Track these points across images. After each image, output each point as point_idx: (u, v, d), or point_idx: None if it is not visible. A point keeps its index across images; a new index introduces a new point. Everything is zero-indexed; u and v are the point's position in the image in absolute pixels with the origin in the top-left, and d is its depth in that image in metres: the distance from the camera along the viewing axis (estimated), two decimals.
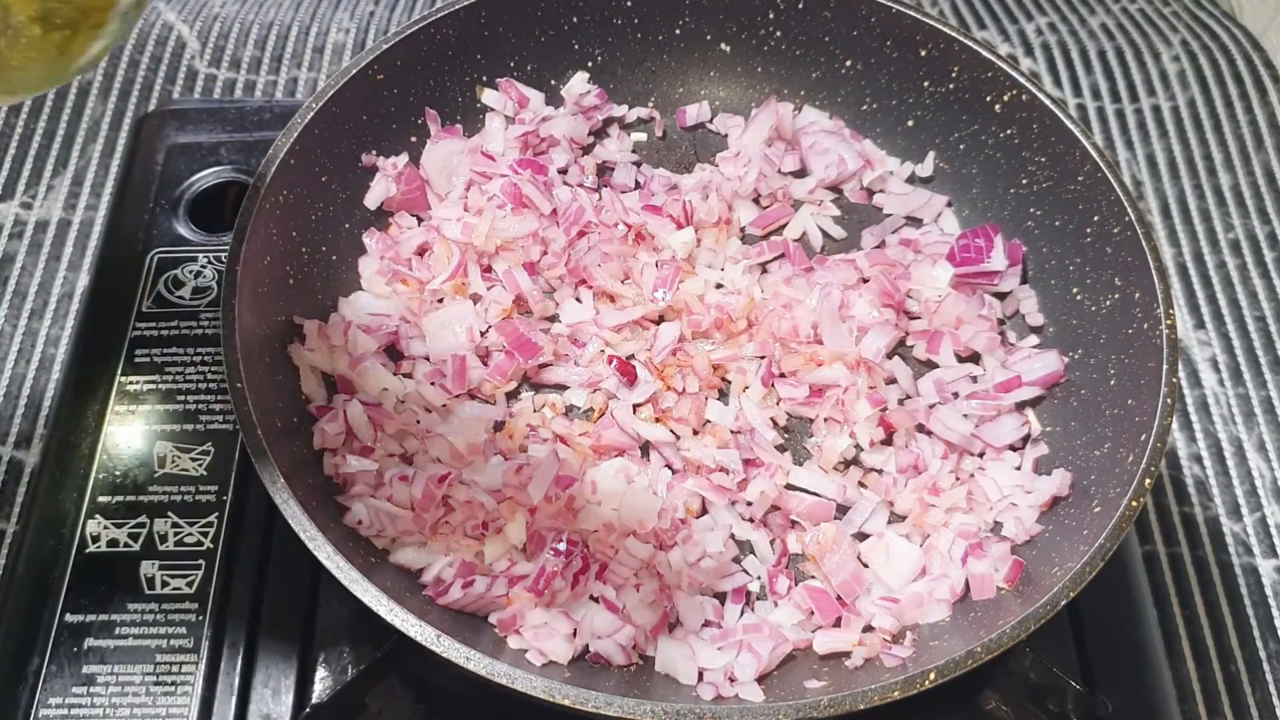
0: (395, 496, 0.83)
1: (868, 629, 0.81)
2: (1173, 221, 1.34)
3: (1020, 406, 0.92)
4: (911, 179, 1.07)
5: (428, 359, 0.92)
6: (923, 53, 1.03)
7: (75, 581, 0.87)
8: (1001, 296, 0.99)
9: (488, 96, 1.06)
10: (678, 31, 1.09)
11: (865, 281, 0.98)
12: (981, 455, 0.91)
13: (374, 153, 1.00)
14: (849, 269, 0.99)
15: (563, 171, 1.04)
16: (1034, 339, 0.97)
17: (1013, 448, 0.91)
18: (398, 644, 0.73)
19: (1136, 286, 0.87)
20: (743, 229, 1.04)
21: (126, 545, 0.88)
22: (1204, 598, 1.08)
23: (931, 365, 0.96)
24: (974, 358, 0.96)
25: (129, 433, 0.94)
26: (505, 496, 0.83)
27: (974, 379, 0.94)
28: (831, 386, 0.92)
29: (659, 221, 0.99)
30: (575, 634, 0.78)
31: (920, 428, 0.91)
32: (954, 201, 1.05)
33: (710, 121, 1.11)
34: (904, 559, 0.84)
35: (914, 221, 1.05)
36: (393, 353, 0.94)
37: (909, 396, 0.94)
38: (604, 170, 1.07)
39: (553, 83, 1.09)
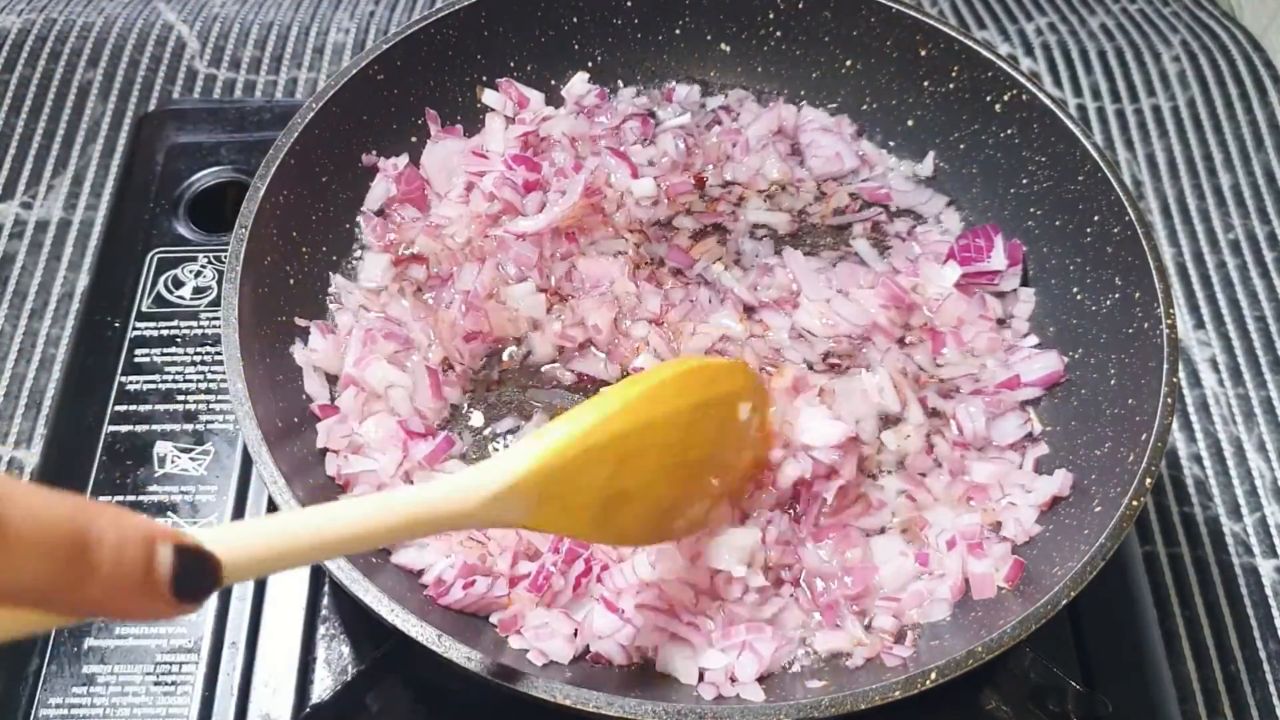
0: None
1: (868, 629, 0.81)
2: (1173, 221, 1.34)
3: (1021, 406, 0.92)
4: (911, 179, 1.07)
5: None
6: (923, 53, 1.03)
7: None
8: (1001, 296, 0.99)
9: (488, 96, 1.06)
10: (678, 31, 1.10)
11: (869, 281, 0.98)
12: (981, 451, 0.91)
13: (374, 153, 1.00)
14: (856, 265, 0.99)
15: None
16: (1034, 339, 0.97)
17: (1013, 447, 0.91)
18: (398, 644, 0.73)
19: (1136, 286, 0.87)
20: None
21: None
22: (1204, 598, 1.08)
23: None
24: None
25: (129, 433, 0.94)
26: None
27: (975, 379, 0.94)
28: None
29: (620, 168, 1.00)
30: (576, 634, 0.78)
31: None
32: (954, 201, 1.05)
33: None
34: (904, 559, 0.84)
35: (916, 220, 1.05)
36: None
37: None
38: None
39: (553, 83, 1.09)
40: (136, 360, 0.98)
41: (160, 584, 0.45)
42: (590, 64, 1.09)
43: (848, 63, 1.07)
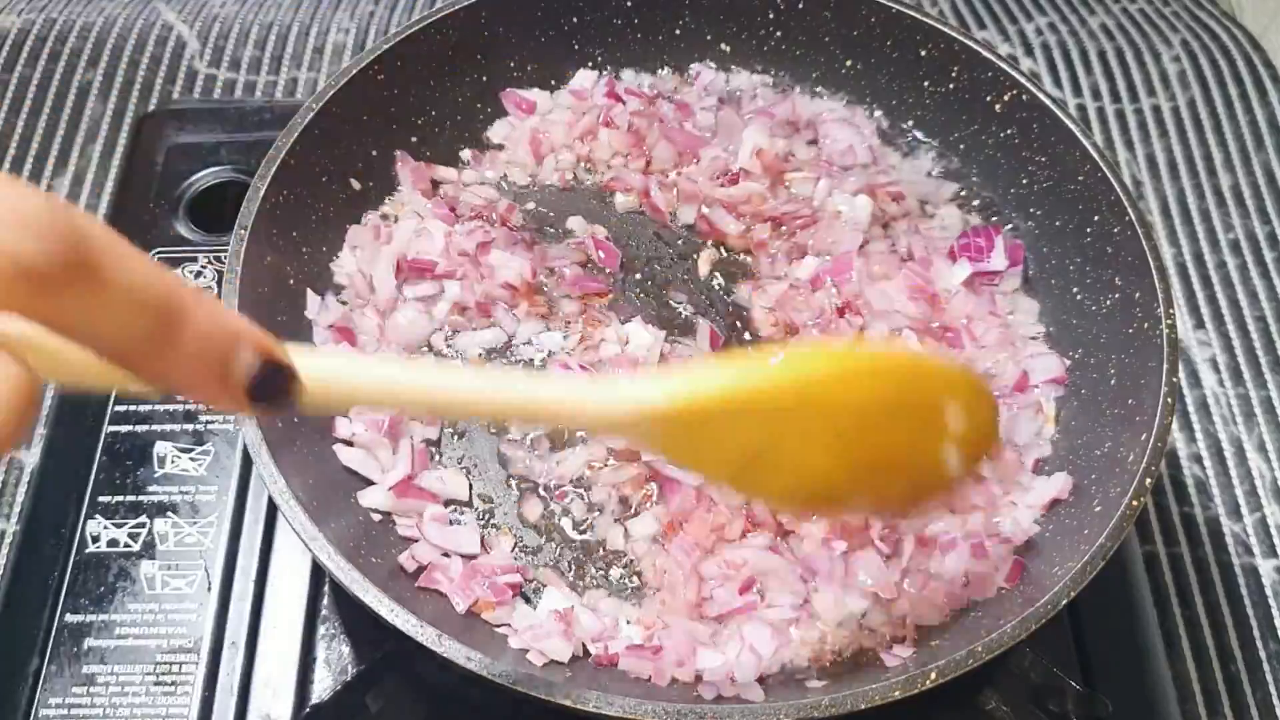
0: None
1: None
2: (1173, 221, 1.34)
3: (1036, 405, 0.92)
4: (916, 173, 1.06)
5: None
6: (923, 53, 1.03)
7: (75, 581, 0.87)
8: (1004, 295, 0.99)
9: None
10: (678, 32, 1.10)
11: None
12: None
13: (374, 153, 0.99)
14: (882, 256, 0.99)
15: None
16: (1035, 338, 0.96)
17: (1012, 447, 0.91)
18: (398, 644, 0.73)
19: (1136, 286, 0.87)
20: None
21: (126, 545, 0.88)
22: (1204, 598, 1.08)
23: None
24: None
25: (129, 433, 0.94)
26: None
27: (989, 376, 0.93)
28: None
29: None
30: (574, 633, 0.78)
31: None
32: (963, 189, 1.05)
33: None
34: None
35: (927, 214, 1.04)
36: None
37: None
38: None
39: (553, 82, 1.09)
40: None
41: (235, 382, 0.47)
42: (590, 64, 1.09)
43: (848, 63, 1.07)
